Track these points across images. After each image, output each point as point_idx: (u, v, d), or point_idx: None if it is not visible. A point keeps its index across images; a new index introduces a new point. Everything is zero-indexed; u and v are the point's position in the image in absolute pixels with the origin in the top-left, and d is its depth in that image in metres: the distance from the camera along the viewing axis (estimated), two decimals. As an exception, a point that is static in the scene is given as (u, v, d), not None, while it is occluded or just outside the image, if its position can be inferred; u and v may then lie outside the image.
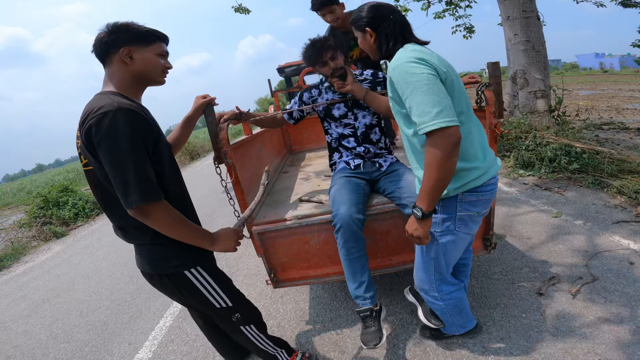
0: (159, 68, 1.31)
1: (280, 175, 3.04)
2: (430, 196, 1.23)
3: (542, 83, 5.50)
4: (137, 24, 1.26)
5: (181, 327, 2.60)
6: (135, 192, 1.09)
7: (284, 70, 7.99)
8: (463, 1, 8.98)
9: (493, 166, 1.40)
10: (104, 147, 1.08)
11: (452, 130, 1.13)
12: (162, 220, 1.18)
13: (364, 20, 1.38)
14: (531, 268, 2.45)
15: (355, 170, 2.01)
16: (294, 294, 2.66)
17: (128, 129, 1.09)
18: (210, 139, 1.64)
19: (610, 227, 2.84)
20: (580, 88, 18.94)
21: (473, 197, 1.36)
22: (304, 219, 1.87)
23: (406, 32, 1.36)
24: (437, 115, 1.13)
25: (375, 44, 1.40)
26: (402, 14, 1.39)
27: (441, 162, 1.15)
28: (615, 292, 2.08)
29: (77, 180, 18.55)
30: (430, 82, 1.16)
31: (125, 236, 1.31)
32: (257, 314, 1.65)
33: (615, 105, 10.33)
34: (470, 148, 1.32)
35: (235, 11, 8.41)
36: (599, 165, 3.86)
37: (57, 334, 2.93)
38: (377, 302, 1.81)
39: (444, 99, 1.15)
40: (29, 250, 5.97)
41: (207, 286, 1.38)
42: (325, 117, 2.11)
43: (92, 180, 1.24)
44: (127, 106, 1.12)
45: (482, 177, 1.34)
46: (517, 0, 5.50)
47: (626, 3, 6.96)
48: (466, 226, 1.42)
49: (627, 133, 5.92)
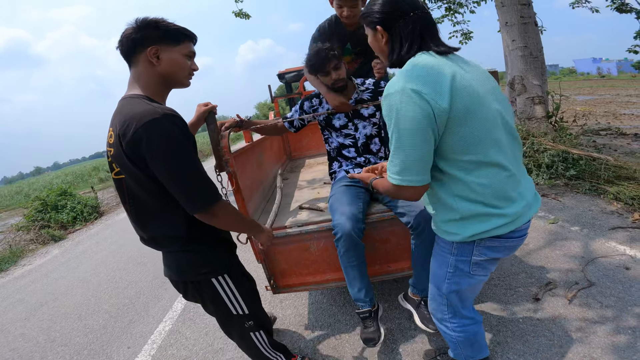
0: (186, 70, 1.25)
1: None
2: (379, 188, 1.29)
3: (540, 89, 5.54)
4: (167, 21, 1.19)
5: (180, 331, 2.60)
6: (202, 196, 1.12)
7: (284, 76, 8.03)
8: (462, 7, 9.07)
9: (531, 208, 1.14)
10: (159, 156, 1.05)
11: (411, 189, 1.09)
12: (228, 217, 1.23)
13: (376, 16, 1.12)
14: (528, 274, 2.47)
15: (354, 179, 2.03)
16: (293, 299, 2.67)
17: (180, 134, 1.08)
18: (211, 146, 1.64)
19: (606, 233, 2.86)
20: (577, 93, 19.06)
21: (495, 243, 1.15)
22: (304, 226, 1.89)
23: (428, 35, 1.09)
24: (400, 172, 1.08)
25: (387, 46, 1.14)
26: (427, 13, 1.11)
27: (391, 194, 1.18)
28: (611, 297, 2.09)
29: (76, 183, 18.54)
30: (411, 131, 1.01)
31: (156, 245, 1.29)
32: (268, 320, 1.65)
33: (613, 111, 10.41)
34: (496, 191, 1.08)
35: (236, 16, 8.47)
36: (596, 172, 3.89)
37: (55, 337, 2.93)
38: (375, 302, 1.86)
39: (417, 156, 1.04)
40: (26, 253, 5.97)
41: (230, 294, 1.37)
42: (326, 127, 2.12)
43: (124, 189, 1.20)
44: (170, 111, 1.10)
45: (510, 225, 1.10)
46: (515, 6, 5.52)
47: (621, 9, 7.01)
48: (483, 269, 1.22)
49: (624, 139, 5.96)
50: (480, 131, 1.03)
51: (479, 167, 1.06)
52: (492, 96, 1.08)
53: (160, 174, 1.09)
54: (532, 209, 1.15)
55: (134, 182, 1.15)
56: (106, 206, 8.88)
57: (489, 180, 1.07)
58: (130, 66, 1.21)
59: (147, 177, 1.12)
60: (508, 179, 1.09)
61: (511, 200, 1.09)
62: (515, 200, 1.10)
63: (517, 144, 1.16)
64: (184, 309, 2.90)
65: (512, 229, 1.11)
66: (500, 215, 1.09)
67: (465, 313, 1.37)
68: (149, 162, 1.07)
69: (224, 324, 1.51)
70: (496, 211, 1.08)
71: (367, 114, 2.05)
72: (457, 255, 1.21)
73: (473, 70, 1.10)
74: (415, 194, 1.12)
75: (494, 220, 1.09)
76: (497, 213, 1.08)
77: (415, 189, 1.10)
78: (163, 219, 1.20)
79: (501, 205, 1.08)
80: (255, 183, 2.36)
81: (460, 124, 1.01)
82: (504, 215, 1.09)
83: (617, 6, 7.01)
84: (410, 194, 1.12)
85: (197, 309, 2.83)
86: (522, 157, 1.22)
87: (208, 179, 1.15)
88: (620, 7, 6.98)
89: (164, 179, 1.09)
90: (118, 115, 1.12)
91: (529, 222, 1.16)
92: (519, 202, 1.11)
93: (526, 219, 1.13)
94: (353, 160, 2.09)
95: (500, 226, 1.09)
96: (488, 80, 1.12)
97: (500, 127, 1.08)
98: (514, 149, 1.14)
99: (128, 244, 5.17)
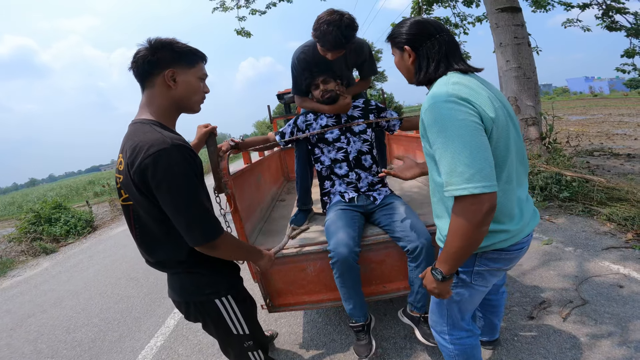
0: (200, 94, 1.24)
1: (277, 203, 3.08)
2: (453, 262, 1.09)
3: (533, 110, 5.61)
4: (181, 42, 1.17)
5: (172, 347, 2.56)
6: (202, 230, 1.11)
7: (284, 96, 8.15)
8: (458, 28, 9.34)
9: (529, 224, 1.20)
10: (164, 188, 1.05)
11: (486, 197, 0.96)
12: (228, 249, 1.23)
13: (404, 37, 1.19)
14: (522, 293, 2.47)
15: (349, 203, 2.05)
16: (288, 318, 2.65)
17: (186, 167, 1.07)
18: (211, 168, 1.66)
19: (600, 253, 2.89)
20: (571, 113, 19.40)
21: (496, 255, 1.19)
22: (300, 247, 1.91)
23: (452, 55, 1.16)
24: (470, 178, 0.96)
25: (414, 65, 1.20)
26: (452, 35, 1.18)
27: (467, 232, 1.00)
28: (605, 315, 2.11)
29: (70, 196, 18.40)
30: (469, 133, 0.97)
31: (161, 268, 1.29)
32: (266, 339, 1.64)
33: (606, 131, 10.59)
34: (504, 208, 1.12)
35: (238, 34, 8.67)
36: (589, 194, 3.94)
37: (42, 349, 2.88)
38: (368, 316, 1.92)
39: (482, 157, 0.96)
40: (16, 264, 5.88)
41: (232, 314, 1.37)
42: (318, 143, 2.13)
43: (131, 215, 1.20)
44: (179, 142, 1.09)
45: (511, 239, 1.15)
46: (509, 27, 5.63)
47: (611, 27, 7.20)
48: (484, 279, 1.25)
49: (617, 159, 6.06)
50: (507, 149, 1.07)
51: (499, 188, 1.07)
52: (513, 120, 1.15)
53: (164, 204, 1.08)
54: (531, 224, 1.22)
55: (141, 209, 1.15)
56: (100, 221, 8.79)
57: (500, 198, 1.09)
58: (144, 88, 1.18)
59: (153, 205, 1.11)
60: (514, 197, 1.14)
61: (513, 217, 1.14)
62: (517, 217, 1.15)
63: (525, 165, 1.22)
64: (177, 325, 2.86)
65: (512, 243, 1.16)
66: (503, 232, 1.13)
67: (464, 325, 1.40)
68: (155, 191, 1.07)
69: (223, 343, 1.49)
70: (500, 227, 1.13)
71: (358, 130, 2.08)
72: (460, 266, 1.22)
73: (497, 92, 1.16)
74: (492, 206, 0.97)
75: (498, 235, 1.14)
76: (500, 229, 1.13)
77: (491, 197, 0.97)
78: (167, 245, 1.21)
79: (505, 222, 1.13)
80: (253, 204, 2.38)
81: (498, 138, 1.05)
82: (507, 231, 1.14)
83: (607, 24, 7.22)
84: (487, 208, 0.97)
85: (190, 326, 2.79)
86: (527, 178, 1.25)
87: (210, 212, 1.14)
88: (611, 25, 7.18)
89: (168, 209, 1.09)
90: (128, 141, 1.11)
91: (530, 235, 1.22)
92: (520, 219, 1.16)
93: (526, 234, 1.18)
94: (345, 178, 2.10)
95: (502, 241, 1.15)
96: (508, 103, 1.18)
97: (514, 147, 1.12)
98: (523, 169, 1.21)
99: (121, 259, 5.12)
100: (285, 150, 4.07)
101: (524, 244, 1.21)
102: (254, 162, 2.71)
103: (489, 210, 0.97)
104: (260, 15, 8.71)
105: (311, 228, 2.15)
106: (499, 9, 5.66)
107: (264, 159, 3.06)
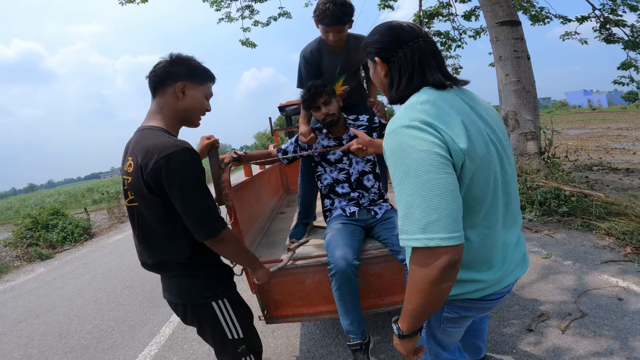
0: (202, 109, 1.34)
1: (276, 216, 3.07)
2: (411, 320, 0.91)
3: (532, 124, 5.63)
4: (197, 60, 1.29)
5: (167, 356, 2.52)
6: (212, 224, 1.19)
7: (285, 109, 8.21)
8: (455, 42, 9.48)
9: (512, 273, 1.01)
10: (176, 186, 1.13)
11: (444, 251, 0.78)
12: (233, 244, 1.29)
13: (375, 47, 1.00)
14: (521, 306, 2.45)
15: (350, 217, 2.04)
16: (286, 329, 2.62)
17: (196, 167, 1.17)
18: (212, 180, 1.67)
19: (599, 266, 2.88)
20: (569, 127, 19.51)
21: (467, 304, 1.02)
22: (299, 260, 1.90)
23: (428, 65, 0.94)
24: (425, 227, 0.78)
25: (387, 79, 1.02)
26: (430, 42, 0.97)
27: (423, 289, 0.82)
28: (604, 327, 2.10)
29: (69, 203, 18.33)
30: (429, 170, 0.80)
31: (160, 270, 1.34)
32: (260, 344, 1.63)
33: (604, 145, 10.65)
34: (481, 256, 0.94)
35: (242, 44, 8.80)
36: (588, 209, 3.95)
37: (32, 354, 2.84)
38: (366, 335, 1.86)
39: (444, 203, 0.78)
40: (11, 269, 5.83)
41: (227, 318, 1.40)
42: (320, 162, 2.12)
43: (135, 216, 1.26)
44: (189, 145, 1.18)
45: (486, 290, 0.97)
46: (509, 40, 5.66)
47: (609, 39, 7.28)
48: (455, 324, 1.10)
49: (615, 174, 6.08)
50: (487, 186, 0.89)
51: (468, 231, 0.91)
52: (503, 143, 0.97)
53: (176, 203, 1.16)
54: (516, 273, 1.03)
55: (147, 210, 1.21)
56: (98, 228, 8.75)
57: (472, 245, 0.92)
58: (155, 96, 1.28)
59: (162, 205, 1.18)
60: (498, 243, 0.96)
61: (492, 265, 0.96)
62: (496, 266, 0.97)
63: (514, 202, 1.01)
64: (172, 334, 2.82)
65: (487, 294, 0.98)
66: (477, 281, 0.96)
67: (447, 356, 1.22)
68: (167, 190, 1.14)
69: (218, 348, 1.49)
70: (473, 276, 0.96)
71: None
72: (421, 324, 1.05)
73: (485, 113, 0.98)
74: (453, 261, 0.79)
75: (470, 285, 0.97)
76: (473, 279, 0.96)
77: (452, 250, 0.78)
78: (169, 246, 1.26)
79: (480, 270, 0.96)
80: (253, 216, 2.38)
81: (474, 174, 0.86)
82: (481, 281, 0.96)
83: (605, 37, 7.31)
84: (445, 262, 0.78)
85: (185, 335, 2.75)
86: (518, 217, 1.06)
87: (216, 210, 1.23)
88: (608, 38, 7.27)
89: (179, 207, 1.16)
90: (139, 145, 1.19)
91: (511, 285, 1.03)
92: (502, 267, 0.98)
93: (506, 283, 1.00)
94: (346, 196, 2.08)
95: (476, 291, 0.98)
96: (499, 124, 1.00)
97: (500, 183, 0.94)
98: (509, 209, 1.00)
99: (117, 266, 5.08)
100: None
101: (503, 294, 1.03)
102: (255, 175, 2.71)
103: (448, 267, 0.78)
104: (263, 27, 8.87)
105: (310, 241, 2.15)
106: (498, 22, 5.73)
107: (264, 172, 3.07)
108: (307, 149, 2.11)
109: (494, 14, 5.83)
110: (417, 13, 9.09)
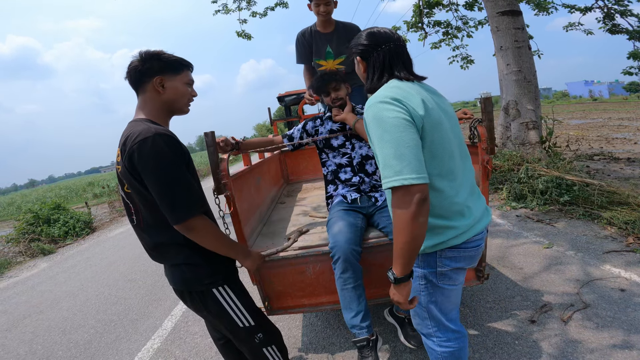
0: (187, 97, 1.37)
1: (277, 206, 3.06)
2: (401, 259, 1.10)
3: (534, 114, 5.60)
4: (167, 53, 1.33)
5: (169, 350, 2.53)
6: (181, 208, 1.20)
7: (284, 99, 8.14)
8: (460, 32, 9.36)
9: (480, 221, 1.26)
10: (148, 169, 1.17)
11: (416, 188, 1.02)
12: (205, 232, 1.28)
13: (358, 48, 1.29)
14: (523, 297, 2.45)
15: (352, 204, 2.04)
16: (287, 321, 2.63)
17: (168, 151, 1.19)
18: (211, 169, 1.65)
19: (601, 256, 2.87)
20: (570, 117, 19.40)
21: (454, 253, 1.23)
22: (300, 250, 1.89)
23: (396, 64, 1.24)
24: (400, 170, 1.03)
25: (365, 74, 1.31)
26: (399, 45, 1.25)
27: (406, 224, 1.04)
28: (607, 318, 2.09)
29: (70, 198, 18.36)
30: (399, 129, 1.06)
31: (160, 257, 1.37)
32: (279, 335, 1.64)
33: (605, 135, 10.60)
34: (451, 205, 1.18)
35: (238, 36, 8.71)
36: (589, 198, 3.93)
37: (37, 350, 2.86)
38: (373, 331, 1.79)
39: (411, 153, 1.04)
40: (13, 265, 5.85)
41: (232, 304, 1.42)
42: (324, 148, 2.16)
43: (129, 201, 1.31)
44: (163, 131, 1.22)
45: (463, 235, 1.20)
46: (510, 30, 5.64)
47: (614, 30, 7.21)
48: (450, 279, 1.28)
49: (617, 163, 6.05)
50: (442, 144, 1.14)
51: (437, 179, 1.15)
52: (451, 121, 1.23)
53: (150, 186, 1.19)
54: (482, 222, 1.27)
55: (137, 194, 1.26)
56: (99, 222, 8.76)
57: (444, 194, 1.16)
58: (138, 94, 1.33)
59: (145, 188, 1.22)
60: (461, 193, 1.20)
61: (461, 214, 1.20)
62: (465, 215, 1.21)
63: (468, 165, 1.28)
64: (175, 327, 2.83)
65: (464, 240, 1.21)
66: (451, 228, 1.19)
67: (451, 325, 1.37)
68: (142, 175, 1.19)
69: (233, 337, 1.51)
70: (448, 223, 1.18)
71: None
72: (423, 267, 1.28)
73: (438, 98, 1.25)
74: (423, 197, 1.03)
75: (447, 232, 1.19)
76: (448, 225, 1.18)
77: (421, 188, 1.02)
78: (162, 227, 1.28)
79: (452, 218, 1.19)
80: (253, 206, 2.36)
81: (431, 132, 1.12)
82: (455, 228, 1.19)
83: (609, 28, 7.24)
84: (418, 199, 1.02)
85: (187, 328, 2.76)
86: (474, 177, 1.33)
87: (193, 195, 1.24)
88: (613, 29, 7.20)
89: (152, 190, 1.19)
90: (124, 135, 1.25)
91: (482, 233, 1.28)
92: (470, 215, 1.22)
93: (478, 230, 1.24)
94: (348, 181, 2.11)
95: (455, 237, 1.19)
96: (449, 107, 1.28)
97: (454, 143, 1.20)
98: (466, 169, 1.27)
99: (119, 260, 5.08)
100: (285, 153, 4.06)
101: (479, 241, 1.27)
102: (254, 164, 2.70)
103: (421, 201, 1.02)
104: (261, 18, 8.77)
105: (310, 231, 2.14)
106: (499, 12, 5.68)
107: (263, 161, 3.04)
108: (313, 136, 2.17)
109: (494, 4, 5.77)
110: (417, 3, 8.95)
